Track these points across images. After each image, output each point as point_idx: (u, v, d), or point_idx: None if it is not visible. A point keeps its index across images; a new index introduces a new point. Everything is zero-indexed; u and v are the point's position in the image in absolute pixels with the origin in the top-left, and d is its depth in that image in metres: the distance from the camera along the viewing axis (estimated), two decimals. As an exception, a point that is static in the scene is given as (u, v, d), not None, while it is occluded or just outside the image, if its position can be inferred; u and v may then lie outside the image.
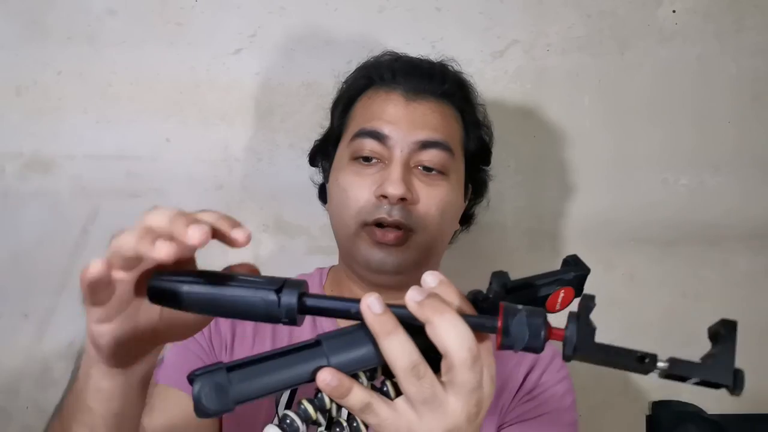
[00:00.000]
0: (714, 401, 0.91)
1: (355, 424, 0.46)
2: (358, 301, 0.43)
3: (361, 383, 0.45)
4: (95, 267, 0.42)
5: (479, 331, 0.43)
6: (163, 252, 0.40)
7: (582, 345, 0.41)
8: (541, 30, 1.05)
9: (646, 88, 1.07)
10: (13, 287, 1.00)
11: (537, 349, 0.42)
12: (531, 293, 0.48)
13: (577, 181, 1.07)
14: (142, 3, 1.01)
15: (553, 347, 0.84)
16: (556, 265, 0.53)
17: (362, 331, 0.44)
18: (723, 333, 0.42)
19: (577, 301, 0.46)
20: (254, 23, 1.02)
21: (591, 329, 0.41)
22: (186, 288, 0.44)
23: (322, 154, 0.88)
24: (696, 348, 1.18)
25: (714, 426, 0.91)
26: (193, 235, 0.41)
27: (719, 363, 0.42)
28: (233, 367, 0.43)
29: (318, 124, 0.92)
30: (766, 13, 1.07)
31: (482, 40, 1.05)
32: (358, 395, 0.43)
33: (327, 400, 0.46)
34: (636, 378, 1.05)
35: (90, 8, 1.00)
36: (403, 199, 0.74)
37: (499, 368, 0.75)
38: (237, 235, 0.45)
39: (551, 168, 1.07)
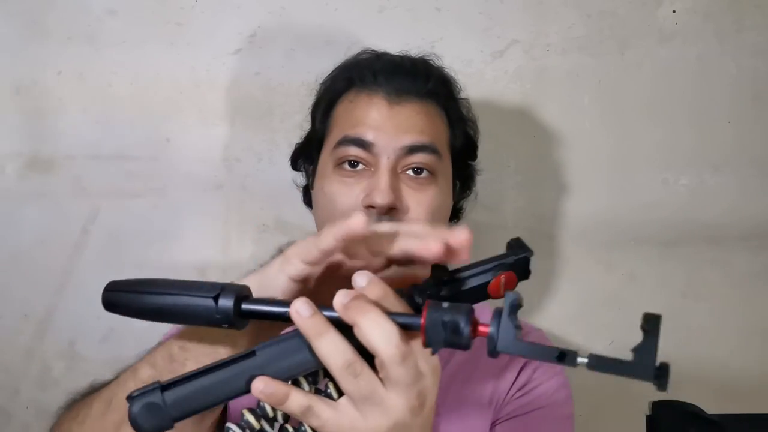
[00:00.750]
0: (714, 401, 0.91)
1: (303, 428, 0.47)
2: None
3: (302, 388, 0.46)
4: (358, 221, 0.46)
5: (404, 329, 0.43)
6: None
7: (504, 343, 0.41)
8: (541, 30, 1.05)
9: (646, 88, 1.07)
10: (13, 287, 1.00)
11: (462, 346, 0.42)
12: (470, 282, 0.48)
13: (577, 181, 1.07)
14: (142, 3, 1.01)
15: (548, 341, 0.84)
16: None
17: (298, 337, 0.44)
18: (647, 328, 0.42)
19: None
20: (254, 23, 1.02)
21: (513, 326, 0.41)
22: (132, 297, 0.47)
23: (305, 156, 0.86)
24: (696, 347, 1.18)
25: (714, 426, 0.91)
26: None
27: (641, 359, 0.42)
28: (168, 386, 0.44)
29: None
30: (766, 13, 1.07)
31: (482, 40, 1.05)
32: (296, 400, 0.44)
33: (269, 408, 0.47)
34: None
35: (90, 8, 1.00)
36: (391, 208, 0.71)
37: (492, 364, 0.76)
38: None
39: (551, 168, 1.07)
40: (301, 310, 0.43)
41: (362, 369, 0.43)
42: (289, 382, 0.45)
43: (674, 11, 1.07)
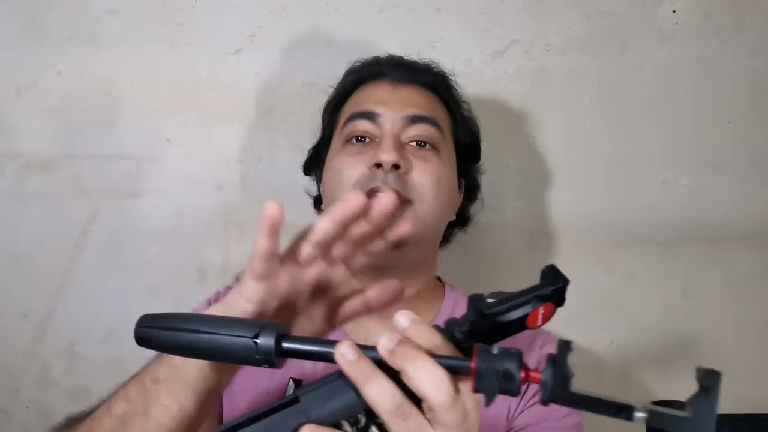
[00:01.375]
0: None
1: None
2: (334, 344, 0.44)
3: (345, 431, 0.46)
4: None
5: (452, 372, 0.43)
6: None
7: (558, 392, 0.41)
8: (541, 30, 1.05)
9: (646, 88, 1.07)
10: (13, 287, 1.00)
11: (512, 393, 0.42)
12: (509, 316, 0.47)
13: (577, 181, 1.07)
14: (142, 3, 1.01)
15: (552, 342, 0.84)
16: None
17: (340, 380, 0.44)
18: (706, 384, 0.40)
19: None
20: (254, 23, 1.02)
21: (567, 376, 0.41)
22: (167, 335, 0.46)
23: (315, 160, 0.89)
24: (696, 348, 1.18)
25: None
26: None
27: (700, 418, 0.40)
28: None
29: (318, 124, 0.92)
30: (766, 13, 1.07)
31: (482, 40, 1.05)
32: None
33: None
34: (636, 378, 1.05)
35: (90, 8, 1.00)
36: (396, 167, 0.74)
37: None
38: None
39: (551, 168, 1.07)
40: (346, 354, 0.43)
41: (411, 411, 0.43)
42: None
43: (674, 11, 1.06)
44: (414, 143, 0.78)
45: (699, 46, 1.07)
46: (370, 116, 0.79)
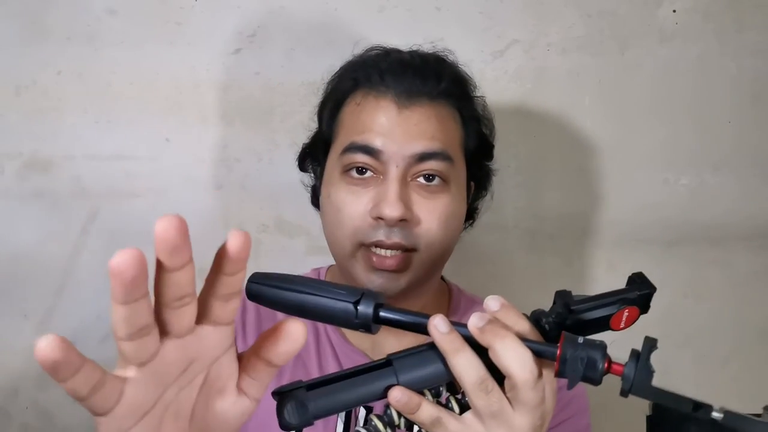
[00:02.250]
0: (715, 401, 0.91)
1: None
2: (427, 317, 0.47)
3: (428, 399, 0.48)
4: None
5: (537, 356, 0.46)
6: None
7: (639, 385, 0.44)
8: (542, 30, 1.05)
9: (646, 87, 1.07)
10: (12, 287, 1.00)
11: (594, 381, 0.45)
12: (594, 313, 0.50)
13: (578, 181, 1.07)
14: (142, 3, 1.00)
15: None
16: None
17: (430, 351, 0.48)
18: None
19: (643, 318, 0.49)
20: (254, 23, 1.02)
21: (649, 372, 0.44)
22: (276, 292, 0.49)
23: (312, 157, 0.84)
24: (697, 347, 1.18)
25: (715, 427, 0.91)
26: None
27: None
28: (312, 386, 0.48)
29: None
30: (767, 12, 1.07)
31: (482, 40, 1.05)
32: (427, 410, 0.47)
33: (395, 415, 0.50)
34: (636, 378, 1.05)
35: (90, 8, 1.00)
36: (402, 220, 0.68)
37: None
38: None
39: (552, 168, 1.07)
40: (439, 326, 0.46)
41: (493, 387, 0.45)
42: None
43: (674, 11, 1.06)
44: (422, 178, 0.71)
45: (699, 45, 1.07)
46: (371, 151, 0.70)
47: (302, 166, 0.87)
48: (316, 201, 0.84)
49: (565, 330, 0.47)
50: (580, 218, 1.07)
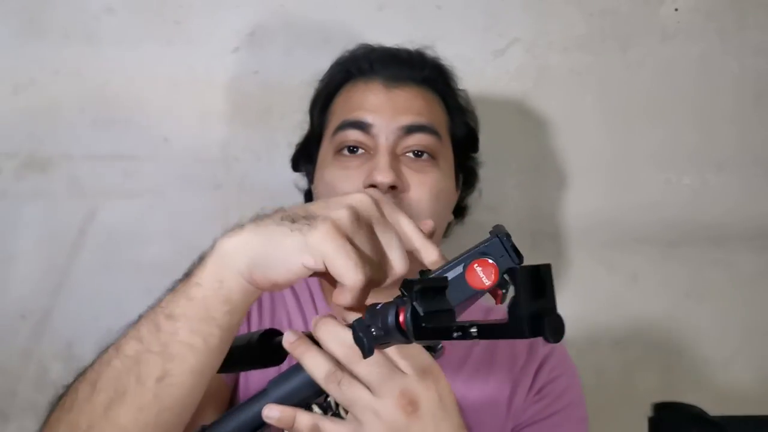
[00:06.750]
0: (717, 403, 0.90)
1: None
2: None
3: (316, 413, 0.50)
4: None
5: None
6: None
7: (414, 329, 0.41)
8: (543, 28, 1.05)
9: (648, 86, 1.06)
10: (10, 287, 0.99)
11: (395, 338, 0.42)
12: (441, 281, 0.43)
13: (579, 180, 1.06)
14: (140, 1, 1.00)
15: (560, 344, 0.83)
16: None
17: (298, 365, 0.49)
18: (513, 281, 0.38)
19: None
20: (253, 21, 1.02)
21: (416, 312, 0.41)
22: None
23: (305, 157, 0.85)
24: (699, 348, 1.17)
25: (717, 428, 0.90)
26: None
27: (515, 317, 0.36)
28: (207, 427, 0.49)
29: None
30: (769, 11, 1.07)
31: (483, 39, 1.04)
32: (304, 420, 0.47)
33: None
34: (637, 379, 1.05)
35: (88, 6, 0.99)
36: (393, 188, 0.70)
37: (509, 368, 0.76)
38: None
39: (553, 167, 1.06)
40: (288, 338, 0.49)
41: (342, 376, 0.46)
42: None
43: (676, 10, 1.06)
44: (411, 153, 0.74)
45: (701, 44, 1.07)
46: (362, 126, 0.73)
47: (296, 167, 0.89)
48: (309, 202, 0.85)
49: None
50: (582, 218, 1.06)
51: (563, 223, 1.06)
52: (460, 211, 0.88)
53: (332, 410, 0.52)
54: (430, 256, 0.46)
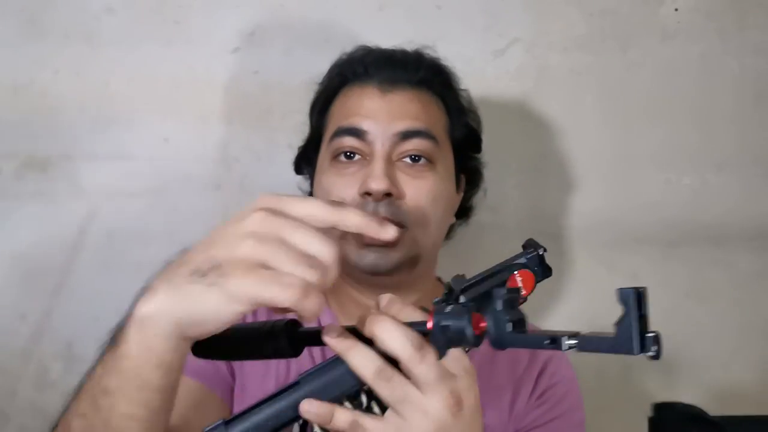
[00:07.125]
0: (717, 403, 0.90)
1: None
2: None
3: (347, 407, 0.49)
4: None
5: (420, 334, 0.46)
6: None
7: (500, 337, 0.44)
8: (543, 28, 1.05)
9: (648, 86, 1.06)
10: (10, 288, 0.99)
11: (470, 343, 0.44)
12: (485, 286, 0.48)
13: (579, 180, 1.06)
14: (140, 1, 1.00)
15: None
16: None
17: (335, 360, 0.48)
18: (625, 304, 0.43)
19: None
20: (253, 21, 1.02)
21: (504, 320, 0.44)
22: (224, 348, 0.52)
23: (306, 160, 0.85)
24: (698, 348, 1.17)
25: (716, 428, 0.90)
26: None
27: (623, 332, 0.42)
28: (231, 420, 0.48)
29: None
30: (769, 11, 1.07)
31: (483, 39, 1.04)
32: (342, 417, 0.47)
33: (318, 430, 0.51)
34: (638, 379, 1.05)
35: (88, 7, 0.99)
36: (388, 195, 0.70)
37: (511, 373, 0.76)
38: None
39: (553, 168, 1.06)
40: (329, 332, 0.47)
41: (392, 373, 0.46)
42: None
43: (676, 9, 1.06)
44: (407, 159, 0.73)
45: (701, 44, 1.07)
46: (357, 133, 0.73)
47: (298, 169, 0.89)
48: None
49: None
50: (582, 218, 1.06)
51: (564, 222, 1.06)
52: (464, 211, 0.87)
53: (362, 408, 0.51)
54: (351, 220, 0.45)
